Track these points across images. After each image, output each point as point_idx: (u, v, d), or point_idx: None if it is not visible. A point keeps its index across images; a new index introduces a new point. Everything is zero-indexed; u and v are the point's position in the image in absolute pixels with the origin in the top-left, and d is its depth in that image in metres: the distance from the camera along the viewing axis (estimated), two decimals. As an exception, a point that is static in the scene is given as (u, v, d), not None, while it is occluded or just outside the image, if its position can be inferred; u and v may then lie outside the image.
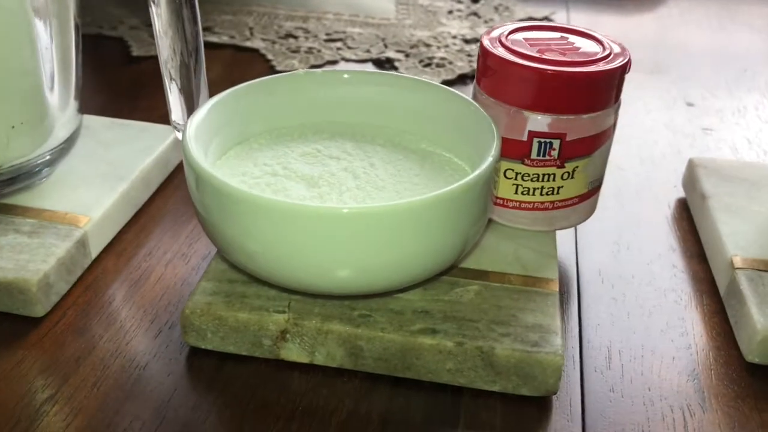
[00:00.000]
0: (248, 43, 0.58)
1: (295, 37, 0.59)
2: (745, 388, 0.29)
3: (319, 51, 0.57)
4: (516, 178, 0.32)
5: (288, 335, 0.28)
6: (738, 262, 0.32)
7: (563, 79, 0.30)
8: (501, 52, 0.31)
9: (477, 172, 0.27)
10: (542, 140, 0.31)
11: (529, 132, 0.31)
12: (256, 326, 0.28)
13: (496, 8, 0.67)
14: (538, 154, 0.31)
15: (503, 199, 0.32)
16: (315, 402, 0.28)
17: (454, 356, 0.27)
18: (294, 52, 0.57)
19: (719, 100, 0.52)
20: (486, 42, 0.32)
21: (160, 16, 0.30)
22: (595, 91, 0.30)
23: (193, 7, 0.31)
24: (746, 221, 0.35)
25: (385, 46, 0.58)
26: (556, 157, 0.31)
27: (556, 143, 0.31)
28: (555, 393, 0.28)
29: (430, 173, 0.31)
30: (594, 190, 0.33)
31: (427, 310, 0.29)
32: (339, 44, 0.58)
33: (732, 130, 0.48)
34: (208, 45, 0.57)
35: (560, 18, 0.66)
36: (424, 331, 0.28)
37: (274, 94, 0.33)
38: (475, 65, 0.55)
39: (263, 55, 0.56)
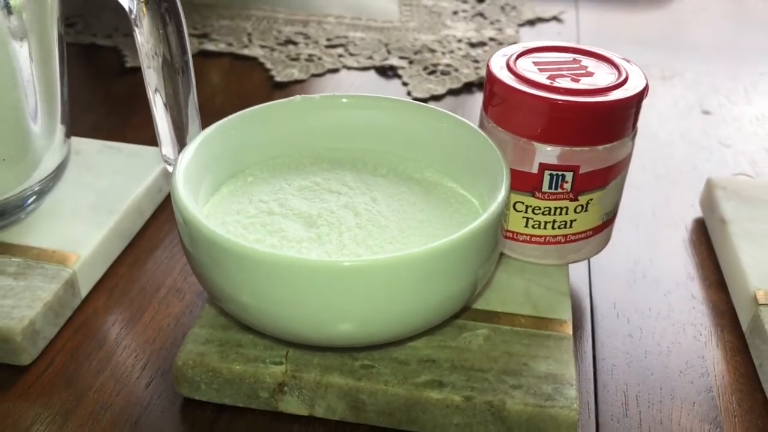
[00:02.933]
0: (246, 51, 0.56)
1: (295, 43, 0.57)
2: (771, 437, 0.27)
3: (319, 59, 0.55)
4: (526, 212, 0.30)
5: (286, 388, 0.26)
6: (762, 297, 0.31)
7: (576, 109, 0.28)
8: (509, 78, 0.29)
9: (486, 215, 0.25)
10: (554, 173, 0.29)
11: (540, 164, 0.29)
12: (252, 379, 0.26)
13: (502, 8, 0.65)
14: (550, 187, 0.29)
15: (513, 232, 0.31)
16: (315, 458, 0.26)
17: (462, 411, 0.26)
18: (293, 60, 0.55)
19: (736, 106, 0.50)
20: (493, 67, 0.30)
21: (143, 34, 0.28)
22: (611, 121, 0.28)
23: (180, 33, 0.29)
24: (770, 250, 0.33)
25: (388, 52, 0.56)
26: (569, 190, 0.29)
27: (569, 176, 0.29)
28: (569, 448, 0.26)
29: (435, 208, 0.30)
30: (608, 221, 0.31)
31: (433, 359, 0.27)
32: (340, 50, 0.56)
33: (750, 141, 0.46)
34: (206, 53, 0.55)
35: (569, 17, 0.64)
36: (430, 384, 0.26)
37: (269, 123, 0.31)
38: (481, 72, 0.53)
39: (262, 64, 0.54)
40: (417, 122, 0.31)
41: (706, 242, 0.37)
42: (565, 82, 0.29)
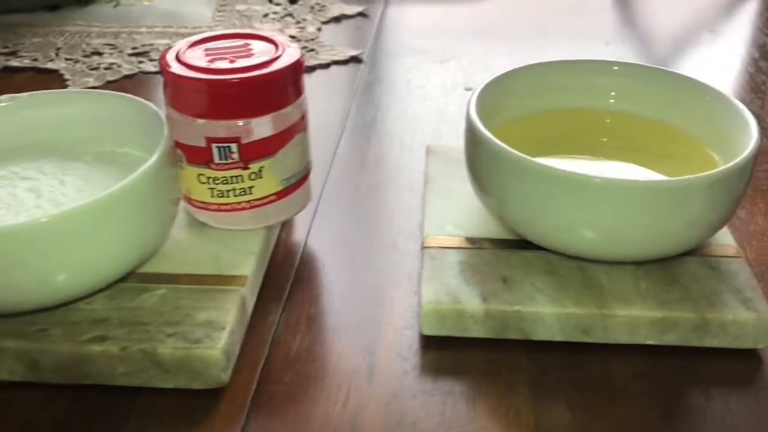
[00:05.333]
0: (50, 65, 0.58)
1: (100, 54, 0.60)
2: (419, 359, 0.31)
3: (119, 66, 0.58)
4: (209, 182, 0.33)
5: (-33, 355, 0.29)
6: (427, 242, 0.34)
7: (226, 86, 0.31)
8: (174, 66, 0.32)
9: (126, 181, 0.28)
10: (220, 145, 0.32)
11: (207, 138, 0.32)
12: (-64, 350, 0.29)
13: (311, 8, 0.69)
14: (221, 158, 0.33)
15: (204, 202, 0.34)
16: None
17: (122, 360, 0.29)
18: (93, 69, 0.57)
19: (499, 82, 0.55)
20: (165, 57, 0.33)
21: None
22: (261, 94, 0.32)
23: None
24: (452, 202, 0.37)
25: (188, 55, 0.59)
26: (237, 160, 0.33)
27: (234, 147, 0.32)
28: (225, 384, 0.29)
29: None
30: (295, 184, 0.35)
31: (105, 319, 0.30)
32: (142, 58, 0.59)
33: (499, 111, 0.50)
34: (10, 69, 0.58)
35: (377, 13, 0.68)
36: (94, 340, 0.29)
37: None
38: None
39: (62, 75, 0.57)
40: (105, 109, 0.35)
41: (425, 203, 0.41)
42: (222, 64, 0.32)
